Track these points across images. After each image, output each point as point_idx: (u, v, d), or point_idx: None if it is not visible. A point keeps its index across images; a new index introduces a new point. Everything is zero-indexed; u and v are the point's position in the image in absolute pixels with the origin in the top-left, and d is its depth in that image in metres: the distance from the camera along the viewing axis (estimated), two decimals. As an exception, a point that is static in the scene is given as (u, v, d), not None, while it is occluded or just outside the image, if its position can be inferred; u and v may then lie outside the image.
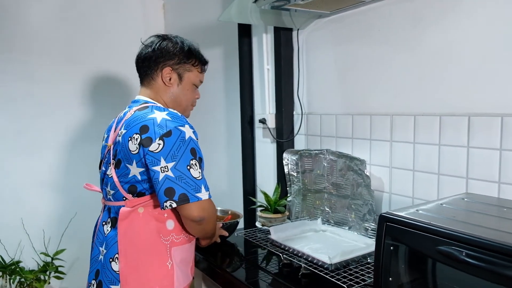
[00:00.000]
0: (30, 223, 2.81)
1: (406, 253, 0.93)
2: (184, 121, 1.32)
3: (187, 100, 1.50)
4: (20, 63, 2.74)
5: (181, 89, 1.47)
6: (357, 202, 1.73)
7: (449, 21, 1.39)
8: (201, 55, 1.51)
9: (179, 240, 1.40)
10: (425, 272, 0.91)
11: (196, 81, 1.50)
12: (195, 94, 1.53)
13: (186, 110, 1.51)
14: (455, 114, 1.39)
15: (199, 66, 1.49)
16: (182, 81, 1.46)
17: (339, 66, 1.85)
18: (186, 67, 1.46)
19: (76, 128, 2.97)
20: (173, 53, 1.44)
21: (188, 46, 1.47)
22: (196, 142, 1.32)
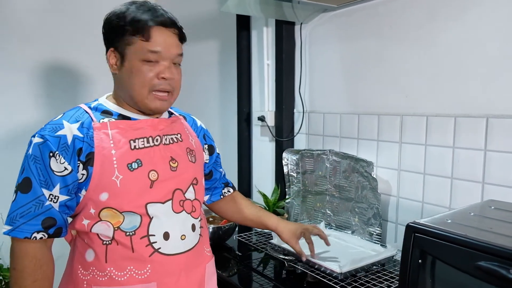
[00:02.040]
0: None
1: (436, 267, 0.85)
2: (44, 128, 1.03)
3: (140, 83, 1.05)
4: (2, 51, 2.58)
5: (126, 72, 1.06)
6: (362, 205, 1.65)
7: (468, 17, 1.32)
8: (140, 12, 1.05)
9: (103, 279, 1.04)
10: (456, 286, 0.83)
11: (143, 54, 1.04)
12: (150, 72, 1.05)
13: (144, 98, 1.06)
14: (472, 115, 1.32)
15: (139, 33, 1.03)
16: (124, 61, 1.06)
17: (345, 63, 1.76)
18: (124, 41, 1.05)
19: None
20: (108, 29, 1.10)
21: (118, 13, 1.07)
22: (31, 157, 1.00)
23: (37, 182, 0.99)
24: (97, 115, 1.07)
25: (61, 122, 1.03)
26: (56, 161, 0.99)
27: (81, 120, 1.04)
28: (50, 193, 0.99)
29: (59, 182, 0.99)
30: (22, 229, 0.98)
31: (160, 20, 1.04)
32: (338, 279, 1.31)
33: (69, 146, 1.00)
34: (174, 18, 1.09)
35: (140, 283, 1.03)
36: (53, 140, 0.99)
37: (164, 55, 1.05)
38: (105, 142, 1.02)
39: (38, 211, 0.98)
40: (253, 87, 2.22)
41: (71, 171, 1.00)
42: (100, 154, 1.01)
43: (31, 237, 0.98)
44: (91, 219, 1.03)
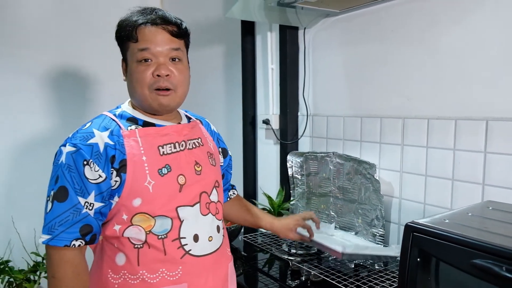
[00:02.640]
0: (21, 222, 2.72)
1: (434, 265, 0.88)
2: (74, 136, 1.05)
3: (139, 84, 1.06)
4: (13, 57, 2.64)
5: (129, 77, 1.09)
6: (365, 207, 1.68)
7: (469, 22, 1.35)
8: (126, 20, 1.09)
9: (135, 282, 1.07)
10: (454, 286, 0.86)
11: (135, 55, 1.06)
12: (146, 72, 1.05)
13: (147, 98, 1.08)
14: (472, 118, 1.35)
15: (130, 36, 1.06)
16: (127, 67, 1.10)
17: (347, 67, 1.79)
18: (124, 48, 1.11)
19: (70, 125, 2.87)
20: (116, 38, 1.14)
21: (118, 23, 1.13)
22: (65, 166, 1.00)
23: (73, 190, 1.00)
24: (123, 123, 1.09)
25: (92, 131, 1.04)
26: (91, 169, 1.00)
27: (110, 128, 1.06)
28: (86, 200, 1.00)
29: (94, 189, 1.01)
30: (61, 237, 0.99)
31: (146, 19, 1.05)
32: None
33: (101, 154, 1.01)
34: (167, 16, 1.08)
35: (172, 284, 1.06)
36: (86, 149, 1.01)
37: (155, 51, 1.05)
38: (135, 149, 1.05)
39: (76, 219, 1.00)
40: (257, 91, 2.26)
41: (105, 178, 1.01)
42: (132, 161, 1.03)
43: (70, 245, 0.99)
44: (123, 224, 1.06)
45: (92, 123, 1.08)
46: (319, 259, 1.57)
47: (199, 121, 1.29)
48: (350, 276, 1.38)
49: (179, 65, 1.09)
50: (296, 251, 1.64)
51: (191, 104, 1.26)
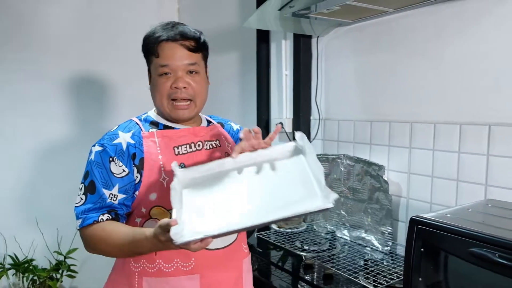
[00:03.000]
0: (44, 223, 2.84)
1: (436, 255, 0.97)
2: (102, 138, 1.18)
3: (159, 95, 1.19)
4: (35, 63, 2.78)
5: (152, 87, 1.23)
6: (374, 206, 1.77)
7: (473, 33, 1.45)
8: (149, 36, 1.20)
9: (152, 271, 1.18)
10: (454, 273, 0.96)
11: (157, 69, 1.18)
12: (165, 84, 1.17)
13: (165, 107, 1.20)
14: (476, 123, 1.44)
15: (152, 51, 1.19)
16: (150, 78, 1.24)
17: (358, 74, 1.89)
18: (148, 61, 1.23)
19: (88, 129, 3.01)
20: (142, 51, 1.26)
21: (144, 38, 1.24)
22: (94, 163, 1.14)
23: (99, 184, 1.13)
24: (146, 126, 1.22)
25: (117, 133, 1.18)
26: (115, 165, 1.14)
27: (133, 130, 1.20)
28: (110, 192, 1.13)
29: (117, 183, 1.14)
30: (90, 217, 1.12)
31: (167, 35, 1.16)
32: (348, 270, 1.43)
33: (124, 151, 1.15)
34: (186, 30, 1.19)
35: (185, 274, 1.17)
36: (111, 148, 1.15)
37: (173, 67, 1.16)
38: (152, 148, 1.18)
39: (102, 205, 1.13)
40: (271, 96, 2.37)
41: (128, 172, 1.15)
42: (149, 159, 1.16)
43: (99, 219, 1.12)
44: (143, 217, 1.19)
45: (118, 127, 1.22)
46: (331, 255, 1.66)
47: (220, 124, 1.39)
48: (360, 269, 1.47)
49: (196, 77, 1.20)
50: (309, 247, 1.74)
51: (207, 108, 1.35)
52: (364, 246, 1.76)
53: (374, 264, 1.52)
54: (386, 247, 1.69)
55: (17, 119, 2.75)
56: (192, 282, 1.17)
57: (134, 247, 1.07)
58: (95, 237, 1.12)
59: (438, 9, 1.54)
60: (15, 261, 2.65)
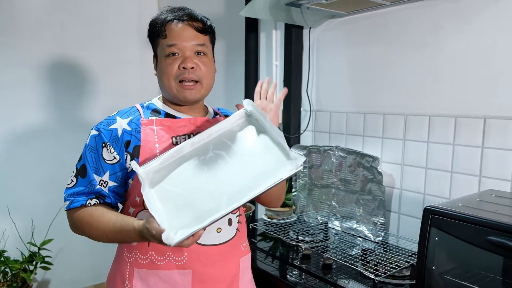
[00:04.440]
0: (16, 212, 2.72)
1: (450, 244, 0.99)
2: (101, 122, 1.16)
3: (166, 76, 1.14)
4: (8, 47, 2.63)
5: (159, 71, 1.18)
6: (366, 197, 1.79)
7: (470, 27, 1.48)
8: (156, 19, 1.17)
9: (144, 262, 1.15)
10: (469, 261, 0.98)
11: (164, 50, 1.14)
12: (173, 65, 1.13)
13: (173, 88, 1.15)
14: (471, 116, 1.48)
15: (160, 33, 1.15)
16: (157, 62, 1.19)
17: (352, 66, 1.91)
18: (155, 45, 1.19)
19: (65, 117, 2.89)
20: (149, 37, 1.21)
21: (150, 22, 1.19)
22: (88, 147, 1.13)
23: (91, 168, 1.12)
24: (146, 113, 1.18)
25: (115, 118, 1.15)
26: (107, 151, 1.12)
27: (132, 117, 1.16)
28: (101, 178, 1.12)
29: (108, 169, 1.12)
30: (77, 200, 1.11)
31: (174, 15, 1.14)
32: (353, 259, 1.45)
33: (118, 138, 1.12)
34: (193, 13, 1.17)
35: (177, 269, 1.13)
36: (106, 133, 1.12)
37: (181, 46, 1.13)
38: (150, 136, 1.14)
39: (90, 191, 1.12)
40: (260, 86, 2.34)
41: (119, 160, 1.12)
42: (145, 147, 1.12)
43: (86, 203, 1.11)
44: (136, 207, 1.15)
45: (119, 112, 1.19)
46: (326, 245, 1.68)
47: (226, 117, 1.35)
48: (358, 259, 1.49)
49: (204, 59, 1.17)
50: (304, 238, 1.75)
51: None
52: (356, 236, 1.79)
53: (370, 254, 1.54)
54: (378, 237, 1.72)
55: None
56: (183, 277, 1.13)
57: (121, 237, 1.07)
58: (82, 221, 1.11)
59: (435, 3, 1.57)
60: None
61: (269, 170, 0.98)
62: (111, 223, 1.07)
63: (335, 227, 1.90)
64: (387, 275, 1.35)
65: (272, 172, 0.96)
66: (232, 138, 1.10)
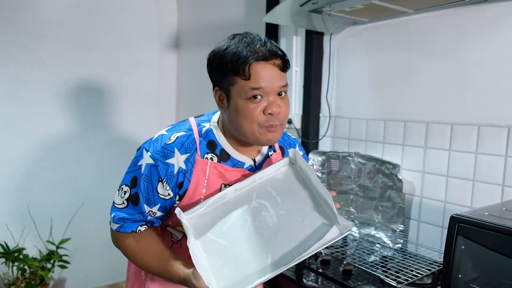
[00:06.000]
0: (36, 211, 2.77)
1: (477, 252, 1.00)
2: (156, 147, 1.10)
3: (248, 122, 1.05)
4: (30, 48, 2.69)
5: (233, 111, 1.06)
6: (385, 204, 1.79)
7: (494, 36, 1.48)
8: (236, 56, 1.02)
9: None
10: (496, 270, 0.98)
11: (246, 92, 1.03)
12: (256, 109, 1.04)
13: (255, 133, 1.06)
14: (495, 124, 1.48)
15: (240, 72, 1.02)
16: (230, 100, 1.06)
17: (373, 73, 1.91)
18: (227, 81, 1.05)
19: (83, 117, 2.94)
20: (212, 69, 1.10)
21: (218, 52, 1.07)
22: (143, 176, 1.09)
23: (143, 199, 1.11)
24: (202, 146, 1.13)
25: (173, 150, 1.09)
26: (163, 187, 1.09)
27: (189, 153, 1.10)
28: (150, 209, 1.12)
29: (160, 203, 1.12)
30: (128, 226, 1.13)
31: (258, 55, 1.02)
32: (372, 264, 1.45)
33: (174, 176, 1.09)
34: (274, 48, 1.05)
35: None
36: (163, 167, 1.08)
37: (267, 90, 1.03)
38: (200, 180, 1.12)
39: (141, 219, 1.14)
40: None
41: (172, 197, 1.12)
42: (193, 189, 1.12)
43: (137, 230, 1.13)
44: (174, 223, 1.21)
45: (176, 139, 1.11)
46: (345, 251, 1.68)
47: (281, 150, 1.28)
48: (378, 265, 1.49)
49: (285, 99, 1.08)
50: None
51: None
52: (374, 243, 1.78)
53: (390, 261, 1.54)
54: (397, 244, 1.72)
55: (10, 105, 2.66)
56: None
57: (164, 276, 1.11)
58: (128, 247, 1.14)
59: (459, 12, 1.57)
60: (5, 250, 2.57)
61: (315, 231, 0.98)
62: (156, 260, 1.10)
63: (353, 233, 1.90)
64: (408, 282, 1.35)
65: (317, 233, 0.97)
66: (276, 187, 1.09)
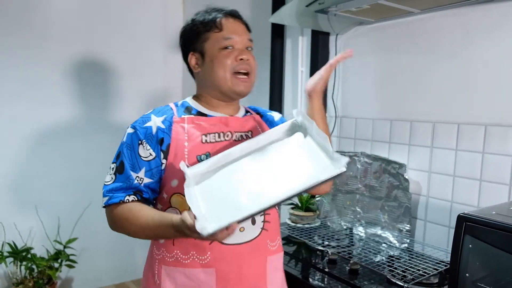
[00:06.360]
0: (43, 210, 2.79)
1: (484, 251, 1.00)
2: (137, 120, 1.19)
3: (222, 69, 1.17)
4: (39, 49, 2.72)
5: (208, 64, 1.20)
6: (392, 204, 1.79)
7: (500, 36, 1.48)
8: (208, 14, 1.21)
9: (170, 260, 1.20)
10: (504, 269, 0.98)
11: (219, 42, 1.17)
12: (229, 57, 1.17)
13: (228, 81, 1.18)
14: (502, 124, 1.48)
15: (213, 27, 1.19)
16: (205, 56, 1.20)
17: (378, 73, 1.92)
18: (201, 40, 1.20)
19: (92, 117, 2.96)
20: (185, 37, 1.25)
21: (190, 21, 1.24)
22: (125, 144, 1.16)
23: (128, 165, 1.15)
24: (180, 111, 1.22)
25: (149, 116, 1.19)
26: (143, 148, 1.15)
27: (166, 115, 1.19)
28: (137, 175, 1.14)
29: (144, 166, 1.15)
30: (116, 196, 1.14)
31: (227, 12, 1.21)
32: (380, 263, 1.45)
33: (153, 135, 1.15)
34: (237, 13, 1.25)
35: (201, 267, 1.16)
36: (142, 131, 1.16)
37: (237, 40, 1.19)
38: (180, 134, 1.17)
39: (128, 186, 1.15)
40: (285, 92, 2.37)
41: (154, 156, 1.15)
42: (174, 145, 1.16)
43: (125, 199, 1.14)
44: (164, 205, 1.18)
45: (153, 110, 1.22)
46: (351, 250, 1.68)
47: (258, 115, 1.37)
48: (385, 264, 1.49)
49: (251, 53, 1.23)
50: (329, 243, 1.75)
51: None
52: (380, 243, 1.79)
53: (397, 260, 1.54)
54: (403, 244, 1.72)
55: (19, 106, 2.68)
56: (207, 276, 1.16)
57: (159, 232, 1.09)
58: (121, 217, 1.13)
59: (465, 12, 1.57)
60: (13, 249, 2.59)
61: (313, 172, 0.99)
62: (149, 219, 1.09)
63: (359, 233, 1.90)
64: (415, 281, 1.35)
65: (315, 174, 0.97)
66: (279, 145, 1.13)
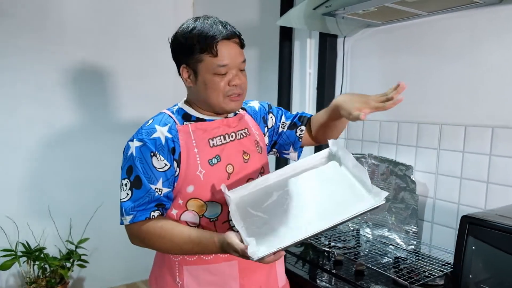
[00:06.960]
0: (56, 211, 2.84)
1: (488, 253, 1.00)
2: (139, 132, 1.18)
3: (215, 93, 1.17)
4: (51, 53, 2.77)
5: (201, 85, 1.18)
6: (399, 205, 1.80)
7: (509, 38, 1.48)
8: (205, 35, 1.14)
9: (192, 259, 1.23)
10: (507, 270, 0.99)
11: (213, 68, 1.15)
12: (222, 82, 1.17)
13: (221, 103, 1.19)
14: (509, 126, 1.48)
15: (208, 50, 1.14)
16: (198, 76, 1.18)
17: (386, 75, 1.92)
18: (195, 59, 1.16)
19: (103, 119, 3.01)
20: (177, 48, 1.21)
21: (184, 32, 1.17)
22: (136, 158, 1.14)
23: (145, 178, 1.14)
24: (179, 119, 1.23)
25: (154, 127, 1.18)
26: (157, 159, 1.14)
27: (169, 124, 1.20)
28: (155, 186, 1.15)
29: (161, 177, 1.15)
30: (141, 214, 1.14)
31: (223, 34, 1.15)
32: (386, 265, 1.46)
33: (164, 145, 1.15)
34: (233, 28, 1.19)
35: (224, 261, 1.21)
36: (151, 142, 1.15)
37: (232, 65, 1.17)
38: (188, 142, 1.19)
39: (151, 199, 1.15)
40: (293, 94, 2.38)
41: (169, 166, 1.16)
42: (185, 152, 1.18)
43: (150, 216, 1.14)
44: (179, 209, 1.21)
45: (153, 120, 1.21)
46: (358, 252, 1.69)
47: (244, 111, 1.39)
48: (391, 265, 1.50)
49: (244, 73, 1.23)
50: (336, 244, 1.76)
51: None
52: (387, 244, 1.79)
53: (403, 262, 1.54)
54: (410, 246, 1.72)
55: (33, 108, 2.74)
56: (231, 268, 1.22)
57: (198, 249, 1.11)
58: (153, 234, 1.14)
59: (473, 14, 1.57)
60: (27, 249, 2.64)
61: (351, 204, 1.00)
62: (186, 236, 1.11)
63: (366, 234, 1.91)
64: (420, 283, 1.35)
65: (353, 205, 0.99)
66: (316, 175, 1.15)
